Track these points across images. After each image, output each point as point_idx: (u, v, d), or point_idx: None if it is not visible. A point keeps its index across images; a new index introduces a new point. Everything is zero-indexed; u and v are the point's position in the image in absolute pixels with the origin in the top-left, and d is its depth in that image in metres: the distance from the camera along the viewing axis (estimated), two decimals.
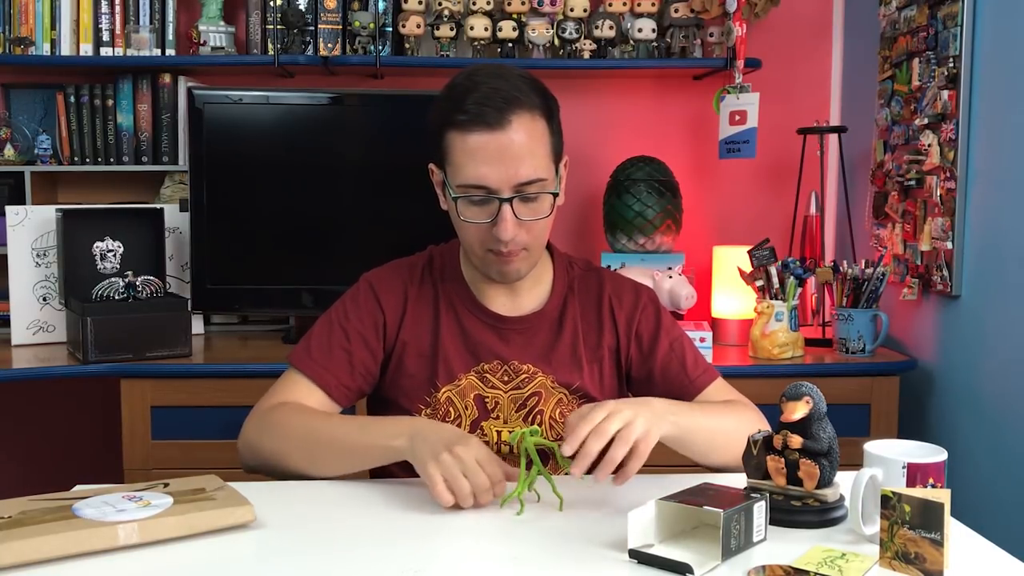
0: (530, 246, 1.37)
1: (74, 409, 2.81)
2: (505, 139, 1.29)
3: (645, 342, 1.48)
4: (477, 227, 1.35)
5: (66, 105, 2.64)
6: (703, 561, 1.02)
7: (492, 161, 1.30)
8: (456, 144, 1.32)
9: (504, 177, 1.30)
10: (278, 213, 2.49)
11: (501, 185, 1.31)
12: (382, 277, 1.48)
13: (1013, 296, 1.96)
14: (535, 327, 1.45)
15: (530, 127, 1.31)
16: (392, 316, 1.44)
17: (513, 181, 1.30)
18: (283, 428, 1.34)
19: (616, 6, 2.62)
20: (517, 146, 1.30)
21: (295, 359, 1.42)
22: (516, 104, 1.30)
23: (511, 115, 1.30)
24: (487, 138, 1.29)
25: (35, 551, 1.01)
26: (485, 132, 1.29)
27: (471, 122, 1.30)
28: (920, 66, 2.26)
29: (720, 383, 1.49)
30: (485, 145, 1.30)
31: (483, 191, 1.32)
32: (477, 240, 1.36)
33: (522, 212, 1.33)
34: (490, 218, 1.33)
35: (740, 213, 2.83)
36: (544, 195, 1.34)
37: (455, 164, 1.33)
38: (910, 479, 1.09)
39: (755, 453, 1.18)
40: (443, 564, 1.04)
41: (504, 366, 1.43)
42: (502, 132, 1.29)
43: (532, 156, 1.31)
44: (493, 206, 1.32)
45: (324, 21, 2.60)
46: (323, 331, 1.44)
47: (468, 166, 1.31)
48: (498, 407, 1.43)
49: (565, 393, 1.43)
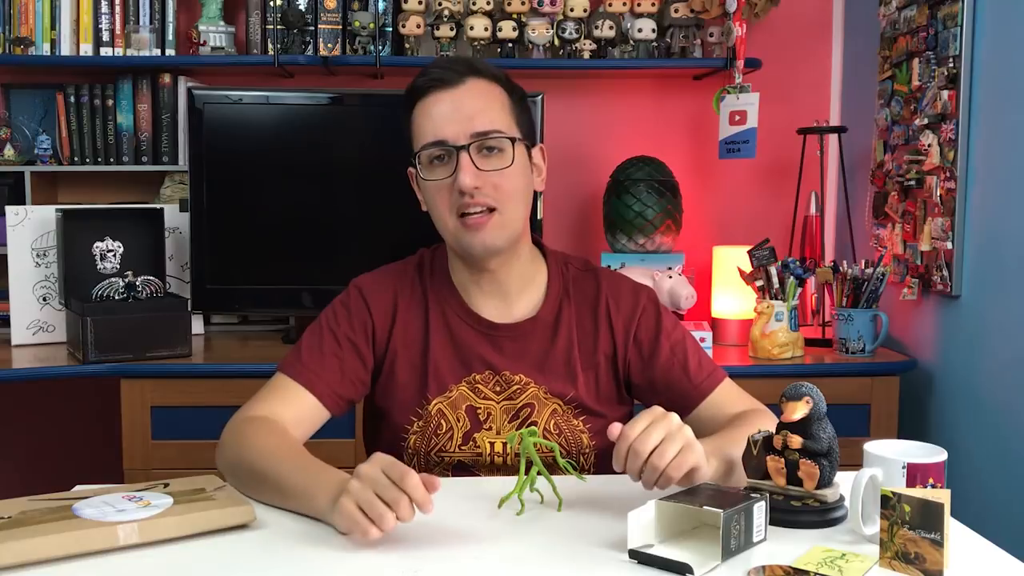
0: (499, 206, 1.33)
1: (74, 409, 2.81)
2: (460, 93, 1.33)
3: (645, 347, 1.43)
4: (441, 190, 1.34)
5: (66, 105, 2.64)
6: (703, 561, 1.01)
7: (447, 115, 1.32)
8: (417, 113, 1.35)
9: (459, 128, 1.32)
10: (278, 213, 2.49)
11: (457, 135, 1.32)
12: (371, 283, 1.45)
13: (1013, 296, 1.96)
14: (528, 334, 1.42)
15: (486, 89, 1.35)
16: (382, 324, 1.42)
17: (468, 130, 1.32)
18: (243, 446, 1.27)
19: (616, 6, 2.62)
20: (471, 99, 1.33)
21: (286, 367, 1.39)
22: (472, 70, 1.35)
23: (466, 77, 1.34)
24: (442, 95, 1.33)
25: (35, 551, 1.01)
26: (441, 90, 1.33)
27: (429, 83, 1.34)
28: (920, 66, 2.26)
29: (727, 385, 1.44)
30: (440, 102, 1.33)
31: (440, 146, 1.32)
32: (446, 208, 1.34)
33: (481, 163, 1.32)
34: (451, 173, 1.32)
35: (740, 213, 2.83)
36: (504, 146, 1.34)
37: (417, 131, 1.36)
38: (910, 479, 1.09)
39: (755, 453, 1.18)
40: (442, 564, 1.04)
41: (496, 376, 1.40)
42: (456, 88, 1.33)
43: (488, 110, 1.34)
44: (452, 160, 1.32)
45: (324, 21, 2.60)
46: (313, 338, 1.41)
47: (426, 126, 1.34)
48: (491, 418, 1.40)
49: (559, 404, 1.40)
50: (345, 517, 1.07)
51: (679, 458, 1.11)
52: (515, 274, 1.42)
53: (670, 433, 1.12)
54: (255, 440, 1.28)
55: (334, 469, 1.19)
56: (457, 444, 1.39)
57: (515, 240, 1.39)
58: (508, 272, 1.41)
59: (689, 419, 1.41)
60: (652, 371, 1.43)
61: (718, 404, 1.41)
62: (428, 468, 1.40)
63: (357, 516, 1.05)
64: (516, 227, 1.38)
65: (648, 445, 1.11)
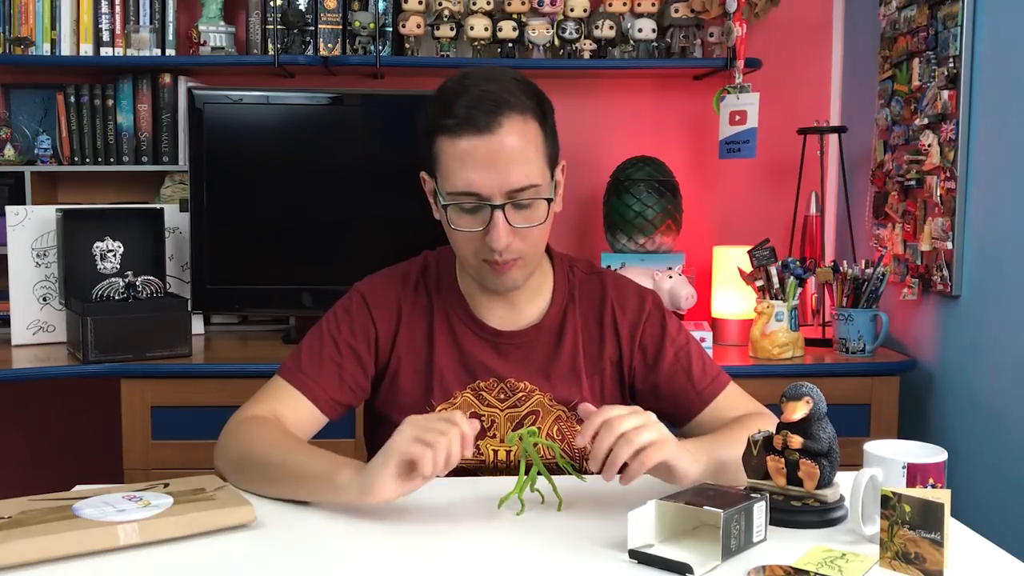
0: (526, 254, 1.32)
1: (74, 409, 2.81)
2: (495, 143, 1.24)
3: (650, 352, 1.42)
4: (469, 236, 1.30)
5: (66, 105, 2.64)
6: (703, 561, 1.02)
7: (482, 167, 1.25)
8: (445, 150, 1.27)
9: (495, 183, 1.25)
10: (278, 213, 2.49)
11: (492, 192, 1.25)
12: (375, 288, 1.43)
13: (1013, 296, 1.96)
14: (533, 341, 1.41)
15: (522, 130, 1.27)
16: (385, 331, 1.40)
17: (505, 187, 1.25)
18: (249, 442, 1.28)
19: (616, 6, 2.62)
20: (508, 150, 1.25)
21: (285, 371, 1.38)
22: (506, 107, 1.25)
23: (501, 118, 1.25)
24: (476, 142, 1.24)
25: (35, 551, 1.01)
26: (474, 136, 1.24)
27: (460, 126, 1.25)
28: (920, 66, 2.26)
29: (731, 390, 1.43)
30: (474, 150, 1.25)
31: (474, 198, 1.27)
32: (470, 250, 1.31)
33: (515, 219, 1.28)
34: (482, 226, 1.28)
35: (740, 213, 2.83)
36: (538, 201, 1.29)
37: (444, 171, 1.28)
38: (910, 479, 1.09)
39: (755, 453, 1.18)
40: (442, 564, 1.04)
41: (500, 384, 1.39)
42: (492, 136, 1.24)
43: (524, 161, 1.26)
44: (485, 214, 1.27)
45: (324, 21, 2.60)
46: (313, 343, 1.40)
47: (458, 173, 1.26)
48: (495, 425, 1.39)
49: (564, 411, 1.40)
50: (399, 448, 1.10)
51: (652, 448, 1.11)
52: (525, 287, 1.40)
53: (646, 423, 1.13)
54: (263, 435, 1.28)
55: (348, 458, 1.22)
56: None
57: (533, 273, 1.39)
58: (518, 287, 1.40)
59: (692, 424, 1.42)
60: (656, 377, 1.42)
61: (721, 409, 1.40)
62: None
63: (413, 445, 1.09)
64: (535, 265, 1.38)
65: (624, 425, 1.11)
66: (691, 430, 1.41)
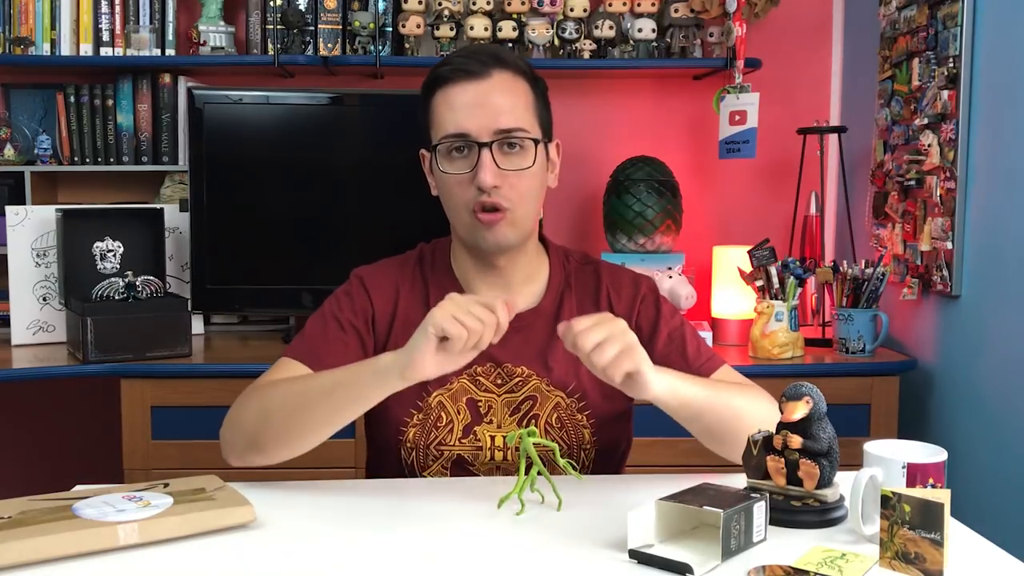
0: (514, 206, 1.33)
1: (74, 409, 2.81)
2: (485, 86, 1.31)
3: (645, 334, 1.43)
4: (459, 182, 1.33)
5: (66, 105, 2.64)
6: (703, 561, 1.02)
7: (471, 107, 1.31)
8: (439, 101, 1.34)
9: (483, 123, 1.30)
10: (278, 213, 2.49)
11: (480, 131, 1.31)
12: (373, 273, 1.46)
13: (1013, 296, 1.96)
14: (530, 326, 1.41)
15: (512, 84, 1.33)
16: (382, 313, 1.42)
17: (492, 126, 1.31)
18: (268, 395, 1.30)
19: (616, 6, 2.62)
20: (497, 95, 1.32)
21: (291, 350, 1.40)
22: (499, 62, 1.33)
23: (492, 69, 1.32)
24: (467, 86, 1.31)
25: (35, 551, 1.01)
26: (466, 81, 1.31)
27: (453, 72, 1.32)
28: (920, 66, 2.26)
29: (725, 370, 1.44)
30: (464, 93, 1.32)
31: (462, 139, 1.31)
32: (461, 201, 1.34)
33: (503, 161, 1.32)
34: (471, 168, 1.32)
35: (740, 213, 2.83)
36: (526, 145, 1.33)
37: (437, 120, 1.34)
38: (910, 479, 1.09)
39: (755, 453, 1.18)
40: (442, 564, 1.04)
41: (497, 369, 1.40)
42: (482, 80, 1.31)
43: (513, 107, 1.32)
44: (473, 155, 1.31)
45: (324, 21, 2.60)
46: (317, 324, 1.42)
47: (448, 116, 1.32)
48: (491, 411, 1.40)
49: (562, 396, 1.40)
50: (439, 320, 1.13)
51: (619, 359, 1.15)
52: (520, 269, 1.43)
53: (613, 334, 1.16)
54: (281, 384, 1.31)
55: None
56: (457, 437, 1.39)
57: (525, 237, 1.40)
58: (513, 267, 1.42)
59: None
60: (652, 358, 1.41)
61: None
62: (427, 462, 1.39)
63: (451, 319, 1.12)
64: (527, 225, 1.39)
65: (589, 342, 1.15)
66: None
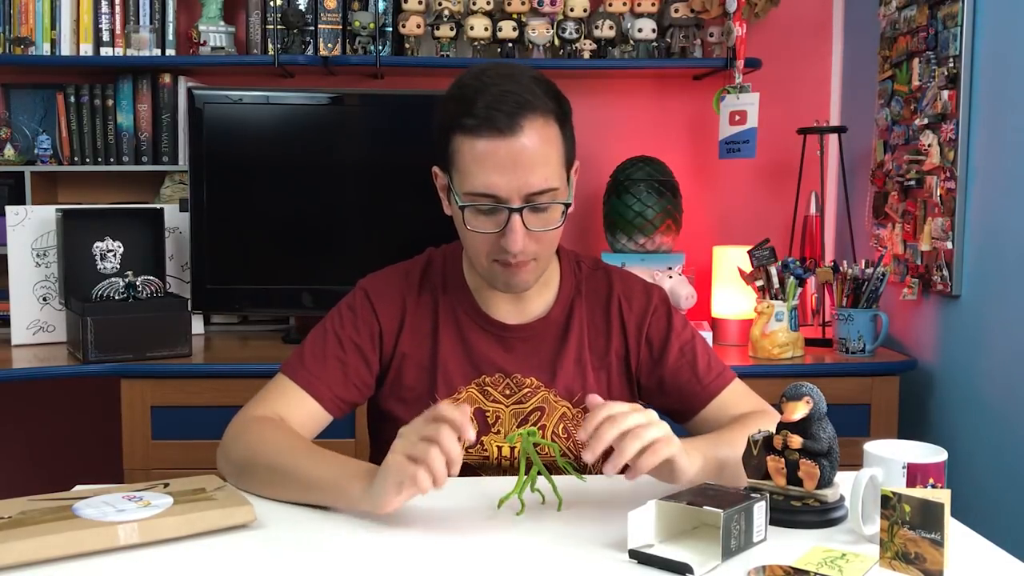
0: (539, 256, 1.32)
1: (74, 409, 2.81)
2: (516, 145, 1.23)
3: (656, 347, 1.42)
4: (484, 238, 1.29)
5: (66, 105, 2.64)
6: (703, 561, 1.02)
7: (502, 169, 1.23)
8: (464, 149, 1.26)
9: (514, 186, 1.24)
10: (278, 213, 2.49)
11: (511, 195, 1.25)
12: (379, 285, 1.43)
13: (1013, 296, 1.96)
14: (539, 335, 1.40)
15: (543, 133, 1.25)
16: (389, 327, 1.40)
17: (524, 191, 1.25)
18: (255, 444, 1.27)
19: (616, 6, 2.62)
20: (529, 153, 1.23)
21: (288, 369, 1.38)
22: (528, 108, 1.24)
23: (523, 120, 1.23)
24: (497, 144, 1.23)
25: (35, 551, 1.01)
26: (495, 138, 1.23)
27: (480, 127, 1.23)
28: (920, 66, 2.26)
29: (736, 386, 1.42)
30: (495, 151, 1.23)
31: (492, 200, 1.26)
32: (484, 251, 1.30)
33: (532, 222, 1.27)
34: (498, 228, 1.27)
35: (740, 213, 2.83)
36: (555, 204, 1.29)
37: (462, 170, 1.27)
38: (910, 479, 1.09)
39: (755, 453, 1.18)
40: (442, 564, 1.04)
41: (506, 379, 1.39)
42: (513, 138, 1.23)
43: (544, 164, 1.25)
44: (502, 216, 1.26)
45: (324, 21, 2.60)
46: (317, 340, 1.39)
47: (477, 173, 1.25)
48: (499, 421, 1.39)
49: (568, 407, 1.39)
50: (394, 472, 1.09)
51: (659, 444, 1.11)
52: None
53: (651, 421, 1.12)
54: (269, 437, 1.27)
55: (357, 460, 1.21)
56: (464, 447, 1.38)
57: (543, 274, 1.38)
58: None
59: (696, 420, 1.41)
60: (661, 371, 1.42)
61: (725, 405, 1.40)
62: None
63: (406, 466, 1.07)
64: (549, 263, 1.38)
65: (629, 422, 1.10)
66: (695, 425, 1.41)
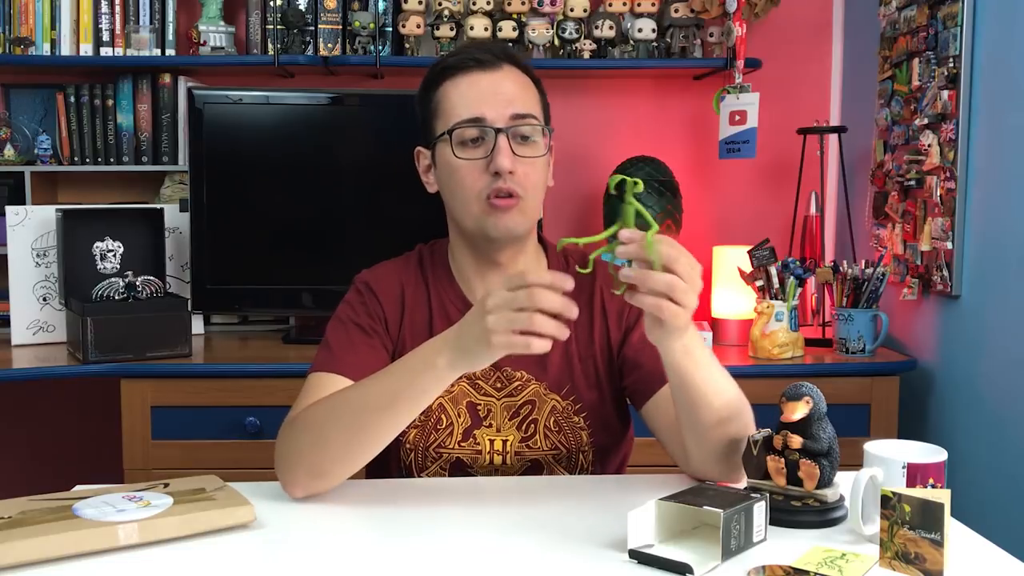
0: (526, 195, 1.33)
1: (74, 409, 2.81)
2: (498, 76, 1.34)
3: (629, 328, 1.42)
4: (472, 169, 1.32)
5: (66, 105, 2.64)
6: (703, 561, 1.02)
7: (486, 95, 1.33)
8: (449, 90, 1.35)
9: (499, 109, 1.32)
10: (278, 213, 2.49)
11: (496, 116, 1.32)
12: (378, 278, 1.45)
13: (1013, 296, 1.96)
14: None
15: (522, 79, 1.37)
16: (393, 318, 1.42)
17: (508, 112, 1.32)
18: (316, 417, 1.25)
19: (616, 6, 2.62)
20: (510, 84, 1.35)
21: (320, 365, 1.36)
22: (507, 57, 1.37)
23: (503, 63, 1.36)
24: (480, 76, 1.34)
25: (35, 551, 1.01)
26: (478, 71, 1.34)
27: (464, 63, 1.35)
28: (920, 66, 2.26)
29: None
30: (478, 82, 1.34)
31: (478, 123, 1.32)
32: (473, 189, 1.32)
33: (517, 148, 1.32)
34: (486, 154, 1.31)
35: (740, 213, 2.83)
36: (536, 135, 1.35)
37: (448, 108, 1.35)
38: (910, 479, 1.09)
39: (755, 453, 1.18)
40: (442, 564, 1.04)
41: (497, 372, 1.40)
42: (495, 71, 1.34)
43: (524, 97, 1.35)
44: (488, 142, 1.32)
45: (324, 21, 2.60)
46: (339, 333, 1.40)
47: (461, 104, 1.34)
48: (491, 415, 1.40)
49: (558, 399, 1.40)
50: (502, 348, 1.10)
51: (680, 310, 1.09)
52: (519, 267, 1.42)
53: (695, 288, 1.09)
54: (332, 399, 1.26)
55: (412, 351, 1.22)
56: (457, 440, 1.39)
57: (530, 230, 1.40)
58: (514, 266, 1.41)
59: (654, 400, 1.36)
60: (627, 349, 1.41)
61: None
62: (426, 464, 1.40)
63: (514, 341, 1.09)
64: (534, 217, 1.39)
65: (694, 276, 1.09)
66: (650, 410, 1.37)
